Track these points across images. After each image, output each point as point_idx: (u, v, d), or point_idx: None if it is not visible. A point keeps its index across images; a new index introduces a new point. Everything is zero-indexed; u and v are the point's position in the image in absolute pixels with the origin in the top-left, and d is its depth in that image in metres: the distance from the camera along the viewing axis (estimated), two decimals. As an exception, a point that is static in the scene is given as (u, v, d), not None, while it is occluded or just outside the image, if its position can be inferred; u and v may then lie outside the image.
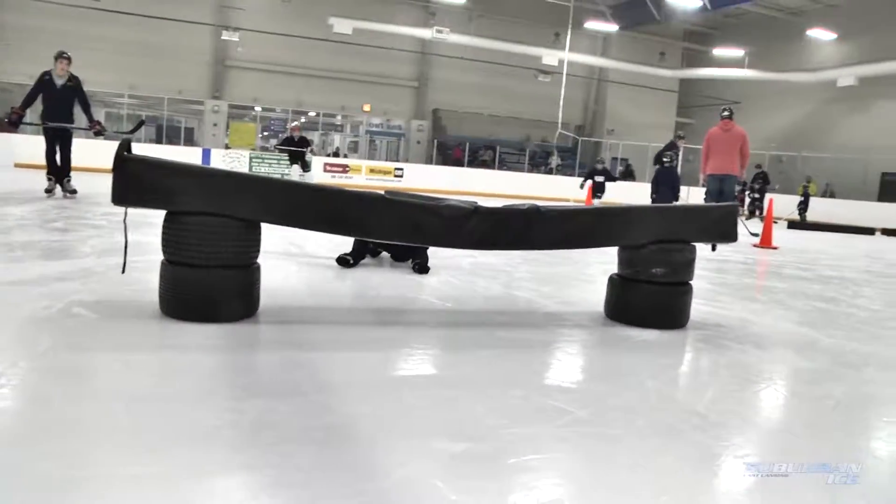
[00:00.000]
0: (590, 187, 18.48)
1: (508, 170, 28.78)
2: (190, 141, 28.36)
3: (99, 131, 9.42)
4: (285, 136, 17.89)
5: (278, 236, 6.06)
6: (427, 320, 3.79)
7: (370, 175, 23.35)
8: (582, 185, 18.62)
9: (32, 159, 14.15)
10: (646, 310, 3.75)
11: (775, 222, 12.52)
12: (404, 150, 30.84)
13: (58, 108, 9.33)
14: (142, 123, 8.04)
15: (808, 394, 2.88)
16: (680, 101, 33.79)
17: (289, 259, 5.40)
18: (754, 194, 21.23)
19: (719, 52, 29.79)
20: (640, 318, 3.74)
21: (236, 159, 21.68)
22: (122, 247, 3.33)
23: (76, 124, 9.72)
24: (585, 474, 1.88)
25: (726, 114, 10.73)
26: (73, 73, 9.46)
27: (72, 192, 9.50)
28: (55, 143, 9.38)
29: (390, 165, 24.83)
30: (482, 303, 4.31)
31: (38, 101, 9.37)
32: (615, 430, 2.20)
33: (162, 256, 3.14)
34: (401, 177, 23.63)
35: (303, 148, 15.46)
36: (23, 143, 17.54)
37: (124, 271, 3.45)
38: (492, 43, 27.15)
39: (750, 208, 21.04)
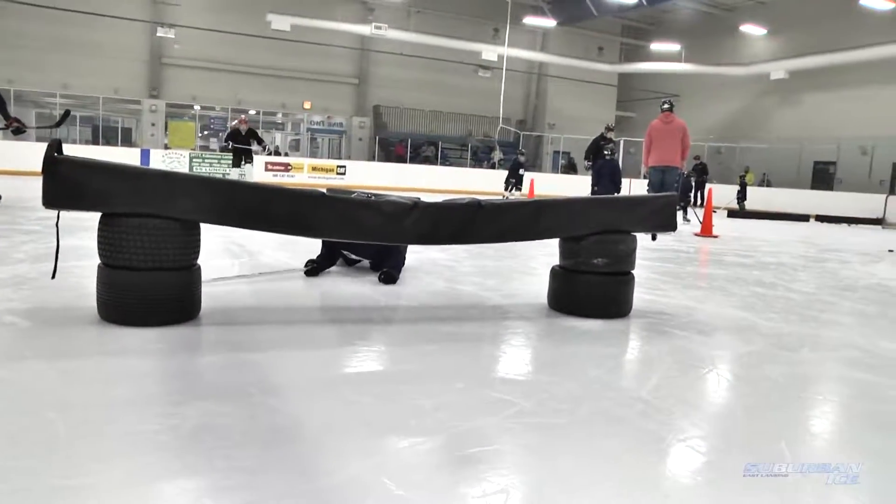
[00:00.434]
0: (531, 182, 18.56)
1: (451, 165, 28.83)
2: (128, 141, 27.67)
3: (18, 129, 8.38)
4: (231, 128, 15.70)
5: (219, 236, 5.97)
6: (371, 317, 3.77)
7: (312, 173, 23.13)
8: (512, 187, 18.60)
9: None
10: (588, 300, 3.79)
11: (715, 211, 12.79)
12: (346, 147, 30.65)
13: None
14: (67, 114, 7.61)
15: (748, 376, 2.95)
16: (619, 95, 34.29)
17: (230, 259, 5.31)
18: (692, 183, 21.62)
19: (656, 46, 30.30)
20: (583, 308, 3.78)
21: (176, 159, 21.28)
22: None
23: None
24: (532, 464, 1.89)
25: (666, 106, 10.90)
26: None
27: None
28: None
29: (332, 163, 24.64)
30: (426, 298, 4.30)
31: None
32: (560, 420, 2.21)
33: (98, 260, 3.07)
34: (343, 174, 23.48)
35: (251, 141, 14.34)
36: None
37: (54, 276, 3.36)
38: (431, 39, 27.13)
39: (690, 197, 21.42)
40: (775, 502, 1.72)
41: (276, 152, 28.48)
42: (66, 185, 2.96)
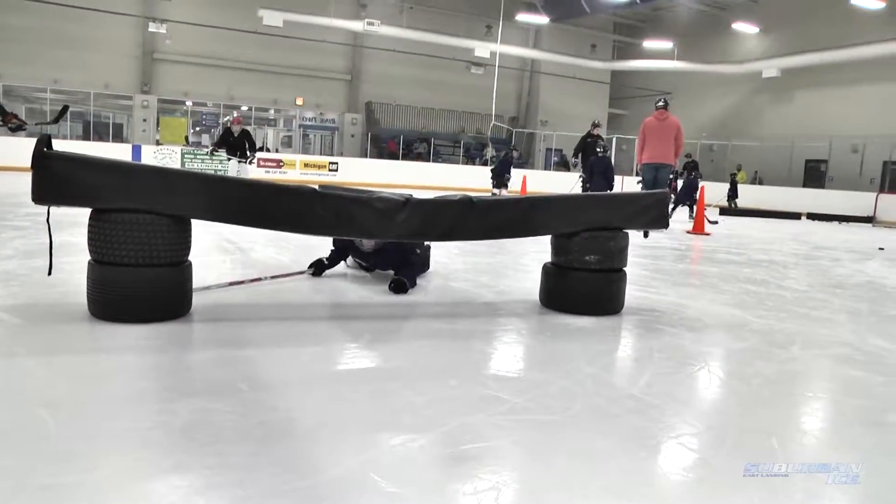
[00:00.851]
0: (524, 178, 18.37)
1: (443, 162, 28.75)
2: (119, 137, 27.50)
3: (18, 126, 8.29)
4: (224, 128, 14.04)
5: (211, 232, 5.95)
6: (364, 314, 3.76)
7: (305, 170, 23.07)
8: (504, 184, 18.08)
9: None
10: (580, 297, 3.79)
11: (706, 209, 12.80)
12: (338, 144, 30.54)
13: None
14: (66, 109, 7.40)
15: (740, 373, 2.96)
16: (612, 93, 34.28)
17: (222, 256, 5.29)
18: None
19: (649, 44, 30.29)
20: (575, 305, 3.78)
21: (168, 155, 21.18)
22: (48, 248, 3.22)
23: None
24: (524, 461, 1.89)
25: (661, 104, 10.87)
26: None
27: None
28: None
29: (325, 160, 24.57)
30: (419, 294, 4.30)
31: None
32: (552, 417, 2.21)
33: (89, 256, 3.05)
34: (336, 171, 23.43)
35: (243, 142, 12.67)
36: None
37: (50, 273, 3.34)
38: (423, 35, 27.06)
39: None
40: (766, 499, 1.73)
41: (267, 149, 28.30)
42: (56, 180, 2.94)
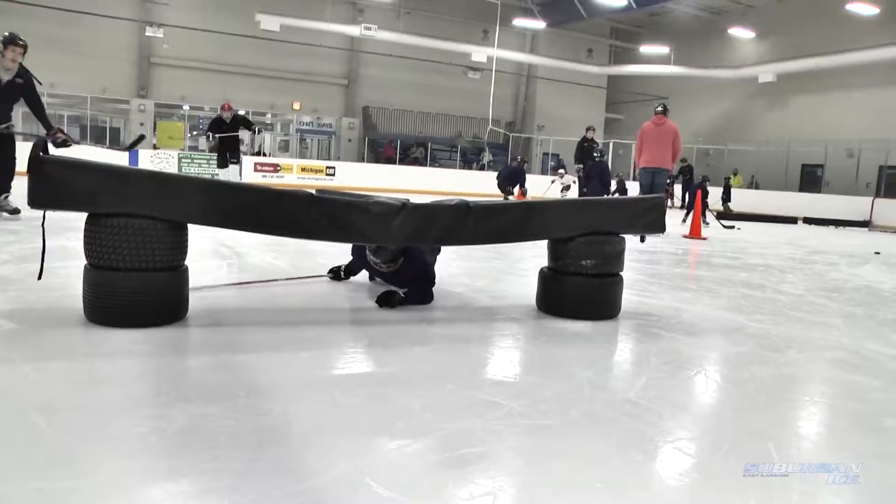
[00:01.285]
0: (519, 191, 18.30)
1: (440, 167, 28.80)
2: (116, 142, 27.53)
3: (64, 141, 7.22)
4: (213, 118, 13.35)
5: (207, 237, 5.94)
6: (360, 318, 3.76)
7: (302, 174, 23.04)
8: (511, 190, 18.00)
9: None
10: (577, 302, 3.79)
11: (703, 212, 12.83)
12: (335, 148, 30.57)
13: None
14: (142, 138, 7.20)
15: (736, 377, 2.96)
16: (609, 97, 34.36)
17: (218, 261, 5.29)
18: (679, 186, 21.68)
19: (646, 49, 30.38)
20: (572, 310, 3.78)
21: (165, 160, 21.16)
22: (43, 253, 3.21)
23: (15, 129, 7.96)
24: (520, 466, 1.89)
25: (660, 109, 10.87)
26: (24, 65, 7.75)
27: (12, 211, 7.36)
28: None
29: (322, 164, 24.56)
30: (416, 299, 4.29)
31: None
32: (549, 421, 2.21)
33: (84, 261, 3.05)
34: (333, 175, 23.40)
35: (237, 128, 12.16)
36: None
37: (41, 278, 3.34)
38: (420, 40, 27.11)
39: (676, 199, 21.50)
40: (764, 502, 1.73)
41: (263, 153, 28.32)
42: (52, 184, 2.93)
